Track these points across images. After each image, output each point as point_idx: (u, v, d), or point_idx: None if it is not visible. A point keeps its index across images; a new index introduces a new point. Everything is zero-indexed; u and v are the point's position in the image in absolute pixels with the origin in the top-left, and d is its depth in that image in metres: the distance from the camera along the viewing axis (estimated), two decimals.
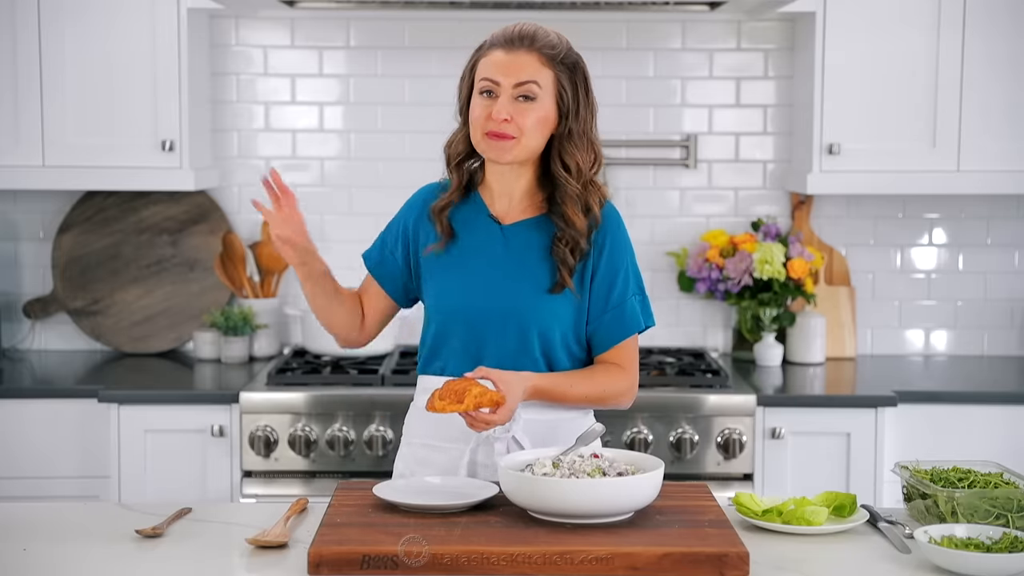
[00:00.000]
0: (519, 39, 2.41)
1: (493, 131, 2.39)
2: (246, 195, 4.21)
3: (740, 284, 4.00)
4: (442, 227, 2.50)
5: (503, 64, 2.39)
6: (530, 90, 2.38)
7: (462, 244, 2.50)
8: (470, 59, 2.47)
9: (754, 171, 4.23)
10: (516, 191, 2.49)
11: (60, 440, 3.63)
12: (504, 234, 2.49)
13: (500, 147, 2.40)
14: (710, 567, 2.01)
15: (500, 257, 2.48)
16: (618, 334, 2.48)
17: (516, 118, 2.38)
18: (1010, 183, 3.87)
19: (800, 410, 3.61)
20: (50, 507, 2.45)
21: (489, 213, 2.51)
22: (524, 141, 2.40)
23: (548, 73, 2.40)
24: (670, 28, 4.17)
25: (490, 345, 2.45)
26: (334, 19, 4.15)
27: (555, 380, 2.43)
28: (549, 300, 2.45)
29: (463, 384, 2.29)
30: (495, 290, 2.46)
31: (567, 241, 2.44)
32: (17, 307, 4.21)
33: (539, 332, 2.45)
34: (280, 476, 3.57)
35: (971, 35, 3.81)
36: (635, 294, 2.50)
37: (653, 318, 2.55)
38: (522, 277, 2.46)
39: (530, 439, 2.46)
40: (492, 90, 2.40)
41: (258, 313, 4.08)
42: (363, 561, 2.01)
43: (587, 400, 2.48)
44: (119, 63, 3.82)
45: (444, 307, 2.49)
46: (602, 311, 2.47)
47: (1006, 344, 4.26)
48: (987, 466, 2.39)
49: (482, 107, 2.40)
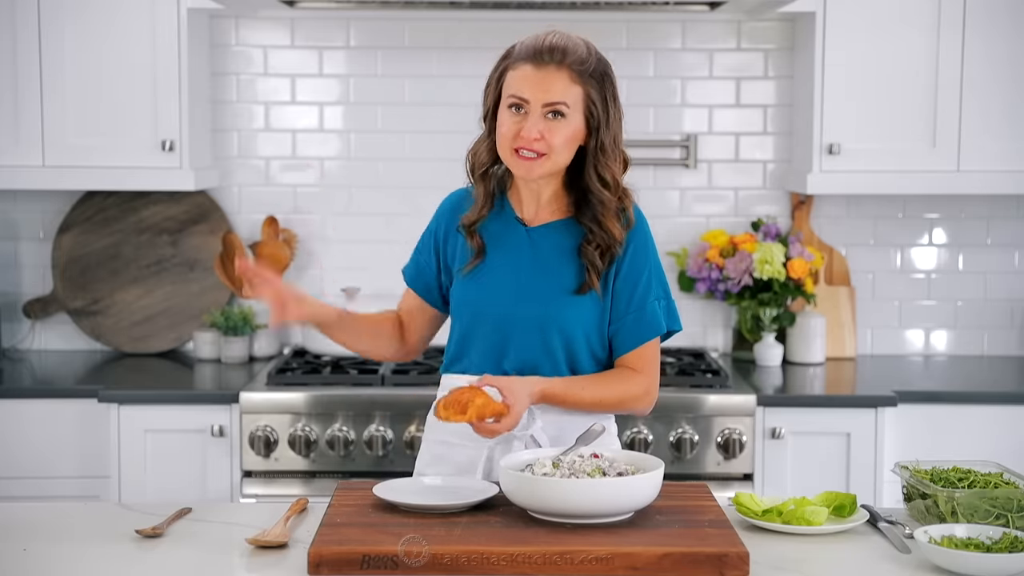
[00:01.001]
0: (549, 53, 2.37)
1: (522, 147, 2.38)
2: (246, 195, 4.21)
3: (740, 284, 4.00)
4: (475, 244, 2.49)
5: (533, 81, 2.37)
6: (559, 109, 2.37)
7: (489, 252, 2.50)
8: (497, 66, 2.44)
9: (754, 171, 4.23)
10: (544, 196, 2.49)
11: (60, 440, 3.63)
12: (530, 236, 2.49)
13: (529, 166, 2.39)
14: (710, 567, 2.01)
15: (527, 259, 2.48)
16: (638, 337, 2.47)
17: (546, 135, 2.37)
18: (1010, 183, 3.87)
19: (800, 410, 3.61)
20: (50, 507, 2.45)
21: (517, 217, 2.51)
22: (553, 158, 2.39)
23: (578, 90, 2.38)
24: (670, 28, 4.17)
25: (513, 347, 2.45)
26: (334, 19, 4.15)
27: (566, 385, 2.42)
28: (573, 302, 2.45)
29: (467, 394, 2.29)
30: (521, 292, 2.46)
31: (597, 244, 2.44)
32: (17, 307, 4.21)
33: (562, 334, 2.45)
34: (280, 476, 3.57)
35: (971, 35, 3.81)
36: (659, 298, 2.49)
37: (679, 322, 2.53)
38: (547, 279, 2.46)
39: (548, 438, 2.46)
40: (521, 106, 2.38)
41: (258, 313, 4.08)
42: (363, 561, 2.01)
43: (602, 405, 2.46)
44: (119, 63, 3.82)
45: (469, 309, 2.49)
46: (624, 313, 2.47)
47: (1006, 344, 4.26)
48: (987, 466, 2.39)
49: (510, 123, 2.38)
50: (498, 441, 2.46)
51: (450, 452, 2.51)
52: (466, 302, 2.50)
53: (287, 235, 4.18)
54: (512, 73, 2.40)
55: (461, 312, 2.52)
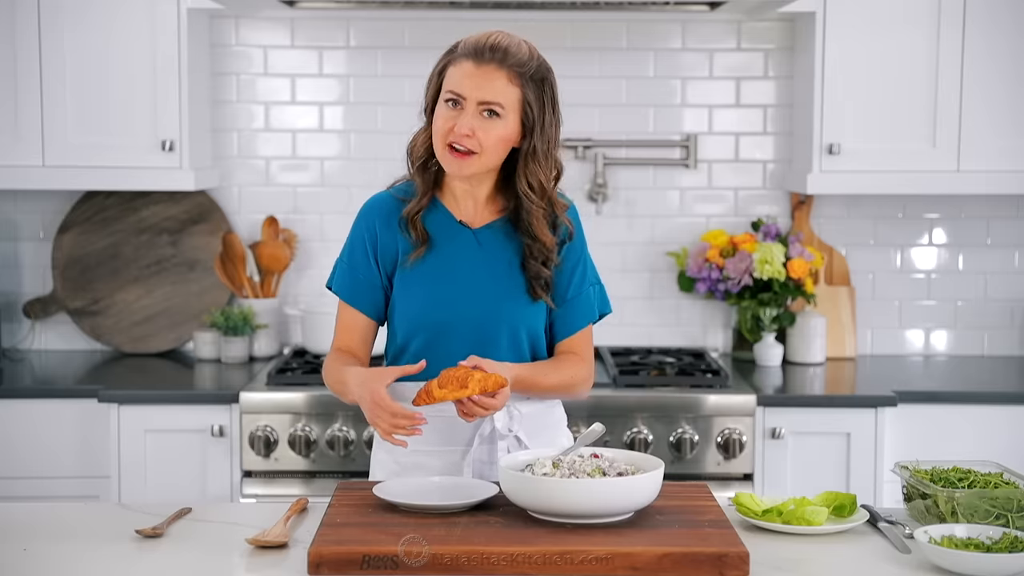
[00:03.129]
0: (490, 51, 2.38)
1: (454, 144, 2.39)
2: (246, 195, 4.21)
3: (740, 284, 4.00)
4: (418, 233, 2.48)
5: (471, 78, 2.38)
6: (494, 108, 2.38)
7: (439, 252, 2.49)
8: (440, 60, 2.46)
9: (754, 171, 4.23)
10: (480, 195, 2.50)
11: (60, 440, 3.63)
12: (477, 238, 2.50)
13: (460, 163, 2.41)
14: (710, 567, 2.01)
15: (479, 262, 2.49)
16: (577, 323, 2.54)
17: (479, 133, 2.38)
18: (1011, 183, 3.87)
19: (800, 410, 3.61)
20: (50, 507, 2.45)
21: (456, 219, 2.51)
22: (484, 158, 2.40)
23: (514, 91, 2.39)
24: (670, 28, 4.17)
25: (483, 349, 2.44)
26: (334, 19, 4.15)
27: (532, 370, 2.47)
28: (528, 302, 2.50)
29: (462, 371, 2.30)
30: (483, 297, 2.47)
31: (537, 256, 2.47)
32: (17, 307, 4.21)
33: (528, 331, 2.50)
34: (280, 476, 3.57)
35: (971, 34, 3.81)
36: (592, 283, 2.57)
37: (609, 304, 2.62)
38: (503, 280, 2.48)
39: (525, 433, 2.49)
40: (457, 101, 2.39)
41: (258, 313, 4.08)
42: (363, 561, 2.01)
43: (557, 388, 2.52)
44: (119, 63, 3.82)
45: (432, 318, 2.47)
46: (562, 301, 2.52)
47: (1006, 344, 4.26)
48: (987, 466, 2.39)
49: (446, 118, 2.40)
50: (481, 442, 2.47)
51: (426, 460, 2.50)
52: (428, 312, 2.47)
53: (287, 235, 4.18)
54: (452, 69, 2.41)
55: (421, 322, 2.47)
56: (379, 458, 2.58)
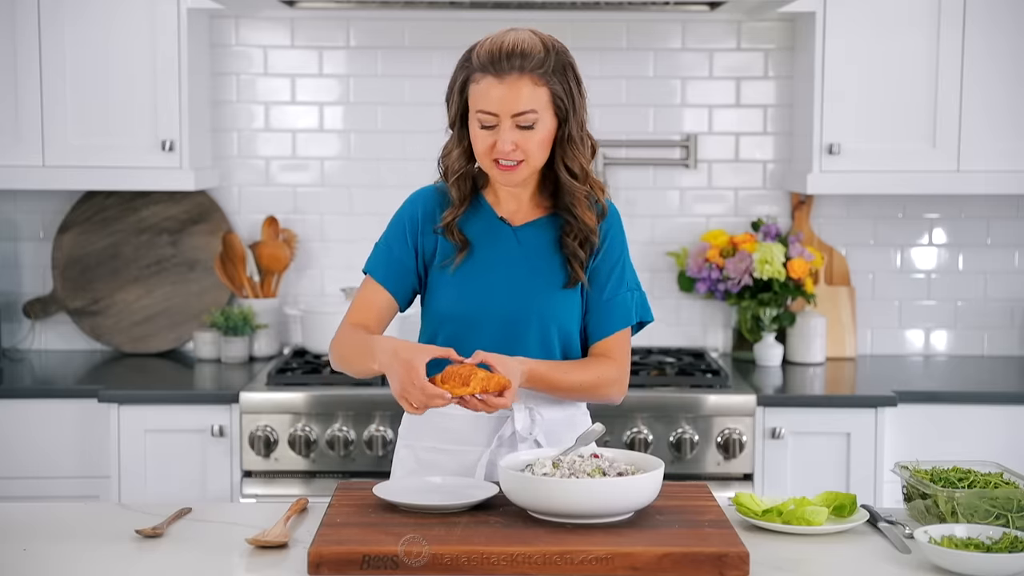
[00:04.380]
0: (507, 60, 2.35)
1: (500, 158, 2.39)
2: (246, 195, 4.21)
3: (740, 284, 4.00)
4: (456, 240, 2.48)
5: (498, 96, 2.36)
6: (529, 119, 2.37)
7: (476, 251, 2.49)
8: (458, 75, 2.42)
9: (754, 171, 4.23)
10: (524, 195, 2.50)
11: (60, 440, 3.63)
12: (517, 236, 2.50)
13: (510, 175, 2.41)
14: (710, 567, 2.01)
15: (516, 259, 2.48)
16: (612, 324, 2.50)
17: (520, 144, 2.38)
18: (1011, 183, 3.87)
19: (800, 410, 3.61)
20: (50, 507, 2.45)
21: (497, 215, 2.51)
22: (532, 162, 2.41)
23: (542, 92, 2.38)
24: (670, 28, 4.17)
25: (512, 346, 2.44)
26: (334, 19, 4.15)
27: (550, 366, 2.43)
28: (565, 296, 2.47)
29: (466, 369, 2.29)
30: (515, 292, 2.46)
31: (576, 235, 2.46)
32: (17, 307, 4.21)
33: (559, 328, 2.47)
34: (280, 476, 3.57)
35: (971, 34, 3.81)
36: (631, 289, 2.53)
37: (651, 313, 2.57)
38: (538, 276, 2.47)
39: (546, 437, 2.48)
40: (491, 122, 2.38)
41: (258, 313, 4.08)
42: (363, 561, 2.01)
43: (580, 389, 2.47)
44: (119, 63, 3.82)
45: (460, 310, 2.47)
46: (598, 301, 2.50)
47: (1006, 344, 4.26)
48: (987, 466, 2.39)
49: (484, 139, 2.39)
50: (500, 444, 2.46)
51: (440, 459, 2.50)
52: (461, 306, 2.47)
53: (287, 235, 4.18)
54: (475, 87, 2.39)
55: (453, 315, 2.48)
56: (400, 456, 2.58)
